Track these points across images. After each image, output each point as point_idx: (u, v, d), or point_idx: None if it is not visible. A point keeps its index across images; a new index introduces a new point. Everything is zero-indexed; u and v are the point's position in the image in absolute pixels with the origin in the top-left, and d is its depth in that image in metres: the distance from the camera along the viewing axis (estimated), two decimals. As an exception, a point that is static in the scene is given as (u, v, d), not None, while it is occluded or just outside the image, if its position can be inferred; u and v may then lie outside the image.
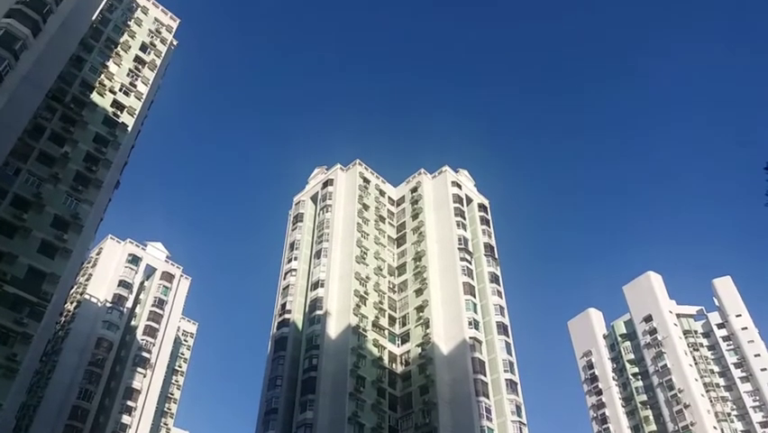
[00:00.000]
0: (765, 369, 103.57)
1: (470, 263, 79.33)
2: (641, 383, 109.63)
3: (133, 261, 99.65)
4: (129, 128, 60.37)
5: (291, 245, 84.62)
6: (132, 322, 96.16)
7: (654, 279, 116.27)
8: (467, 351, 68.52)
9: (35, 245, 47.40)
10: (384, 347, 72.44)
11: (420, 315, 74.35)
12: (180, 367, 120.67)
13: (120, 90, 62.25)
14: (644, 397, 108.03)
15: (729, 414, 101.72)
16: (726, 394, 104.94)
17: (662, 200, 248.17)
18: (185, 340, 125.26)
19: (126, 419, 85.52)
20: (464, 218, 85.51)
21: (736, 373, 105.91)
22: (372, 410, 65.44)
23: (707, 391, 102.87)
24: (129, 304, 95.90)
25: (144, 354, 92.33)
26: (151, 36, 70.23)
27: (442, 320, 73.24)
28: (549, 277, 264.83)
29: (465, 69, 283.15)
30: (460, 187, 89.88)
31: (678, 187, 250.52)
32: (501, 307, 76.16)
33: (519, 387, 68.95)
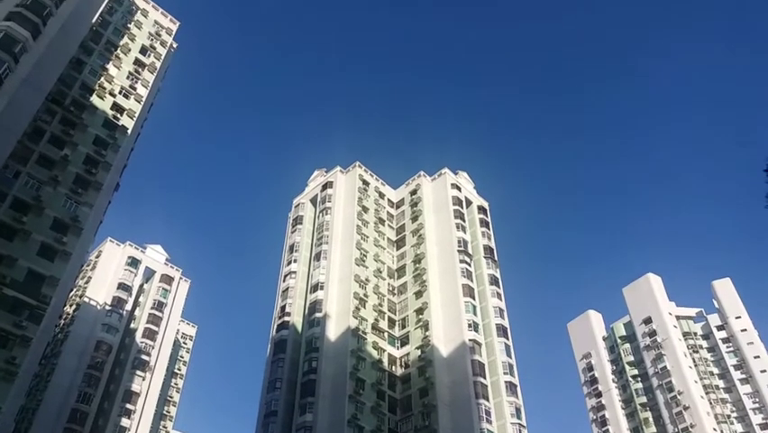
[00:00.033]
0: (765, 371, 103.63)
1: (469, 266, 79.40)
2: (641, 385, 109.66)
3: (133, 263, 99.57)
4: (129, 131, 60.41)
5: (291, 248, 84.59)
6: (132, 325, 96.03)
7: (654, 281, 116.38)
8: (466, 353, 68.53)
9: (35, 248, 47.42)
10: (384, 350, 72.41)
11: (420, 317, 74.34)
12: (180, 370, 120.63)
13: (120, 93, 62.32)
14: (643, 399, 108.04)
15: (729, 416, 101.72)
16: (726, 396, 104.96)
17: (662, 200, 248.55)
18: (184, 343, 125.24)
19: (125, 422, 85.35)
20: (464, 221, 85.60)
21: (736, 375, 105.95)
22: (372, 413, 65.39)
23: (706, 393, 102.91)
24: (128, 307, 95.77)
25: (144, 356, 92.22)
26: (151, 39, 70.31)
27: (441, 323, 73.24)
28: (548, 279, 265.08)
29: (465, 70, 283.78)
30: (459, 189, 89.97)
31: (678, 187, 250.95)
32: (501, 309, 76.25)
33: (519, 389, 69.05)
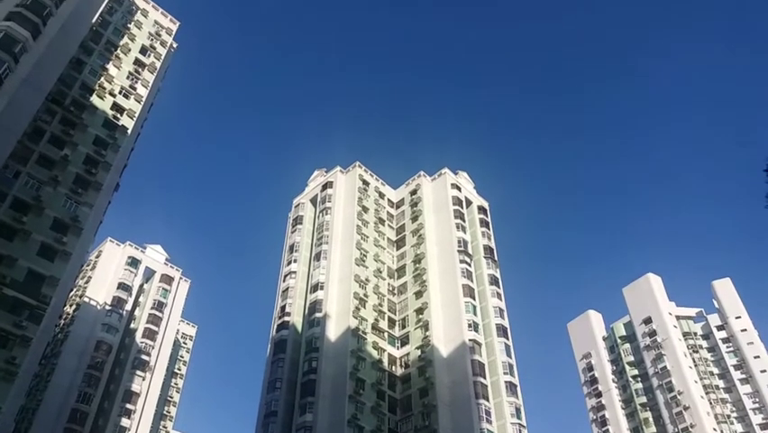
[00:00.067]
0: (765, 371, 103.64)
1: (469, 266, 79.41)
2: (641, 385, 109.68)
3: (133, 263, 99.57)
4: (129, 131, 60.41)
5: (291, 248, 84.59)
6: (132, 325, 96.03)
7: (654, 281, 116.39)
8: (466, 353, 68.54)
9: (35, 248, 47.42)
10: (384, 350, 72.41)
11: (420, 317, 74.34)
12: (180, 370, 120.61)
13: (120, 93, 62.31)
14: (643, 399, 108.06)
15: (729, 416, 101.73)
16: (726, 396, 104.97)
17: (662, 200, 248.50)
18: (184, 343, 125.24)
19: (125, 422, 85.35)
20: (464, 221, 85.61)
21: (736, 375, 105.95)
22: (372, 413, 65.39)
23: (706, 393, 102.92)
24: (128, 307, 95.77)
25: (143, 356, 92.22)
26: (151, 39, 70.29)
27: (441, 323, 73.24)
28: (548, 279, 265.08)
29: (465, 70, 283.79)
30: (459, 189, 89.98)
31: (678, 187, 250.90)
32: (501, 309, 76.26)
33: (519, 389, 69.06)
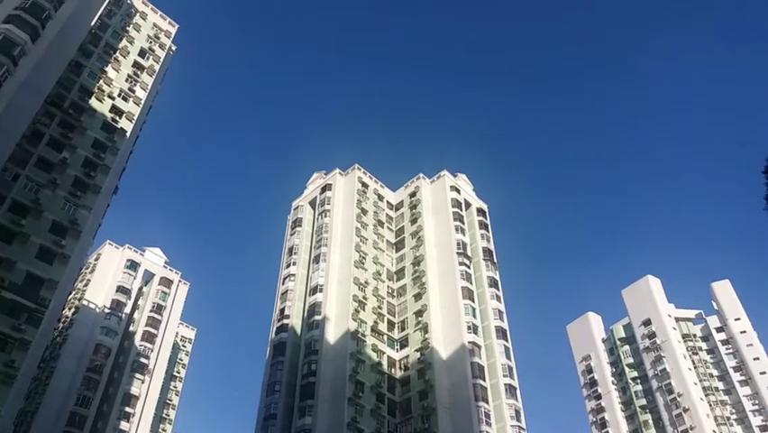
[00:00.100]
0: (764, 372, 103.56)
1: (468, 268, 79.40)
2: (640, 387, 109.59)
3: (132, 266, 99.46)
4: (127, 133, 60.40)
5: (290, 250, 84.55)
6: (131, 328, 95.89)
7: (653, 283, 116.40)
8: (466, 355, 68.49)
9: (33, 251, 47.36)
10: (383, 352, 72.34)
11: (419, 319, 74.29)
12: (179, 373, 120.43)
13: (119, 96, 62.32)
14: (643, 401, 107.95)
15: (728, 418, 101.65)
16: (726, 398, 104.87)
17: (661, 201, 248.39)
18: (183, 346, 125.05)
19: (125, 425, 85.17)
20: (463, 223, 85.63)
21: (735, 377, 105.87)
22: (371, 416, 65.31)
23: (706, 395, 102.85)
24: (127, 310, 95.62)
25: (142, 359, 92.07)
26: (150, 42, 70.32)
27: (441, 325, 73.19)
28: (548, 281, 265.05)
29: (465, 70, 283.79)
30: (458, 191, 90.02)
31: (678, 187, 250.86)
32: (500, 311, 76.19)
33: (518, 391, 68.99)
